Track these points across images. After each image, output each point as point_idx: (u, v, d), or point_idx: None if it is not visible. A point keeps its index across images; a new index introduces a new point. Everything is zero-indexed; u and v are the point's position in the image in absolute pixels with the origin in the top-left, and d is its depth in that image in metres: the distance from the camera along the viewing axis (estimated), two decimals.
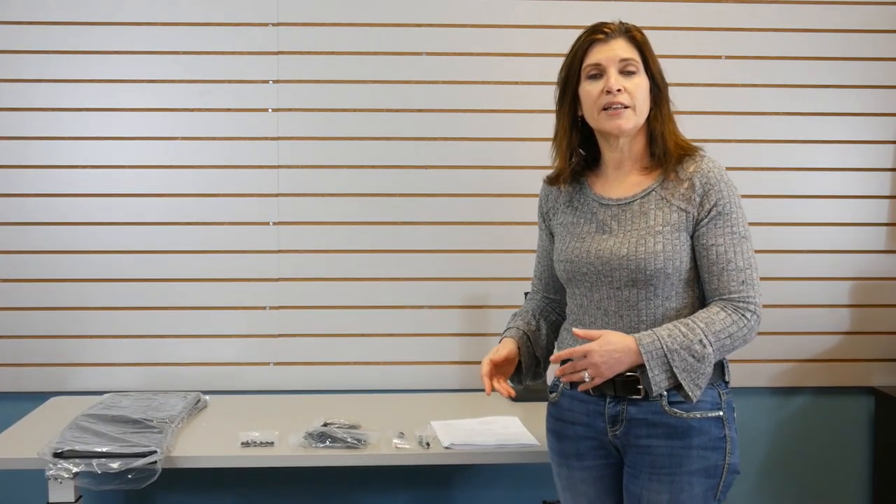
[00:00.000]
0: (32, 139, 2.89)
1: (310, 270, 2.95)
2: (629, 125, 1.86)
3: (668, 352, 1.75)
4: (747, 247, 1.85)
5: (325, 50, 2.93)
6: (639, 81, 1.86)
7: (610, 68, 1.85)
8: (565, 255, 1.94)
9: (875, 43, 3.00)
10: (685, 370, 1.76)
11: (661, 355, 1.76)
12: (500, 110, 2.95)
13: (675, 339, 1.76)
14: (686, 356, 1.76)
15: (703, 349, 1.76)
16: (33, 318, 2.91)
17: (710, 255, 1.84)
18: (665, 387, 1.78)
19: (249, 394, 2.93)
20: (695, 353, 1.76)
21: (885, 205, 3.03)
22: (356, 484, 2.98)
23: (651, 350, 1.76)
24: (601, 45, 1.87)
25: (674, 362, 1.75)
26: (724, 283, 1.82)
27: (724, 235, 1.83)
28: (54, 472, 2.18)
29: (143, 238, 2.92)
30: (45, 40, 2.87)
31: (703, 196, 1.83)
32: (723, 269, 1.82)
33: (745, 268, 1.83)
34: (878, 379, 3.06)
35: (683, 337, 1.76)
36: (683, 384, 1.76)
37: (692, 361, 1.76)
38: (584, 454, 1.95)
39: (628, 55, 1.86)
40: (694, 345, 1.76)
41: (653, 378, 1.76)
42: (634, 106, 1.85)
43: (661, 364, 1.76)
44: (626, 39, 1.87)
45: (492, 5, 2.94)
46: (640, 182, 1.90)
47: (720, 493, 1.86)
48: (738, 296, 1.82)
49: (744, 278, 1.82)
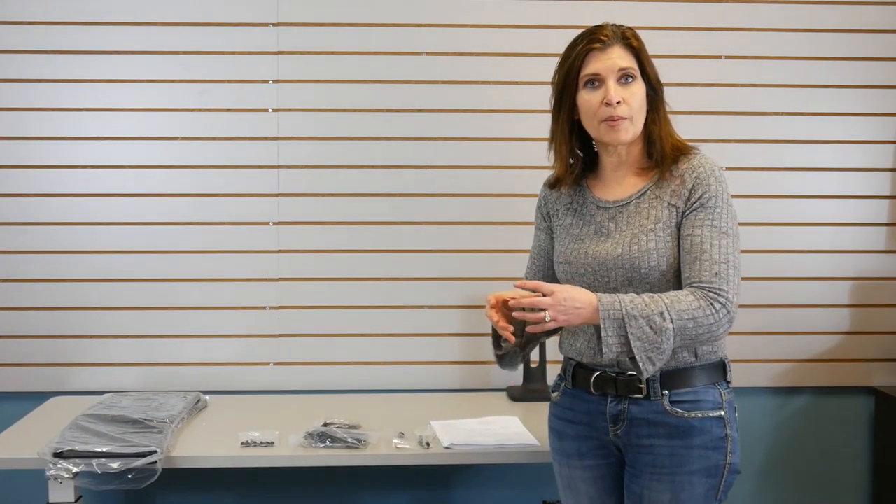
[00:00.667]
0: (32, 139, 2.89)
1: (310, 270, 2.95)
2: (628, 137, 1.85)
3: (626, 316, 1.72)
4: (727, 243, 1.80)
5: (325, 50, 2.93)
6: (636, 89, 1.85)
7: (609, 79, 1.84)
8: (564, 256, 1.94)
9: (875, 43, 3.00)
10: (640, 338, 1.72)
11: (619, 318, 1.72)
12: (500, 110, 2.95)
13: (636, 307, 1.73)
14: (644, 325, 1.72)
15: (663, 322, 1.72)
16: (33, 318, 2.91)
17: (686, 245, 1.81)
18: (617, 352, 1.73)
19: (249, 394, 2.93)
20: (653, 323, 1.72)
21: (885, 205, 3.03)
22: (356, 484, 2.98)
23: (609, 310, 1.73)
24: (599, 54, 1.85)
25: (630, 328, 1.72)
26: (697, 271, 1.78)
27: (703, 227, 1.80)
28: (54, 472, 2.18)
29: (143, 238, 2.92)
30: (45, 40, 2.87)
31: (692, 190, 1.83)
32: (696, 259, 1.79)
33: (721, 262, 1.78)
34: (878, 379, 3.06)
35: (645, 306, 1.73)
36: (636, 353, 1.72)
37: (648, 332, 1.72)
38: (585, 453, 1.95)
39: (626, 64, 1.84)
40: (654, 315, 1.72)
41: (605, 340, 1.72)
42: (632, 116, 1.84)
43: (617, 328, 1.72)
44: (623, 47, 1.85)
45: (492, 5, 2.94)
46: (636, 183, 1.90)
47: (721, 493, 1.86)
48: (708, 285, 1.77)
49: (717, 270, 1.77)
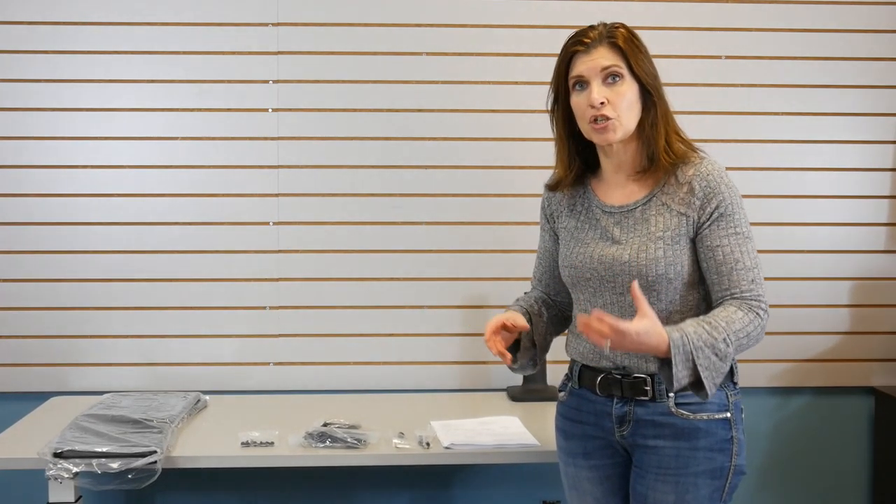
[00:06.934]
0: (32, 139, 2.89)
1: (310, 270, 2.95)
2: (616, 137, 1.84)
3: (693, 349, 1.72)
4: (751, 247, 1.84)
5: (325, 50, 2.93)
6: (623, 89, 1.83)
7: (593, 80, 1.83)
8: (569, 260, 1.94)
9: (875, 43, 3.00)
10: (708, 368, 1.73)
11: (687, 352, 1.73)
12: (500, 110, 2.95)
13: (701, 337, 1.73)
14: (710, 354, 1.73)
15: (727, 348, 1.74)
16: (33, 318, 2.91)
17: (717, 257, 1.82)
18: (685, 383, 1.74)
19: (249, 394, 2.93)
20: (718, 351, 1.74)
21: (885, 205, 3.03)
22: (356, 484, 2.98)
23: (679, 346, 1.72)
24: (583, 56, 1.84)
25: (698, 360, 1.72)
26: (735, 282, 1.81)
27: (728, 236, 1.82)
28: (54, 472, 2.18)
29: (143, 238, 2.92)
30: (45, 40, 2.87)
31: (704, 199, 1.82)
32: (732, 269, 1.81)
33: (753, 267, 1.82)
34: (878, 379, 3.06)
35: (708, 335, 1.74)
36: (705, 382, 1.73)
37: (714, 360, 1.74)
38: (591, 453, 1.95)
39: (609, 62, 1.82)
40: (718, 343, 1.74)
41: (676, 374, 1.72)
42: (619, 116, 1.82)
43: (685, 361, 1.72)
44: (608, 46, 1.83)
45: (492, 5, 2.94)
46: (640, 188, 1.89)
47: (726, 495, 1.86)
48: (749, 294, 1.81)
49: (752, 277, 1.81)
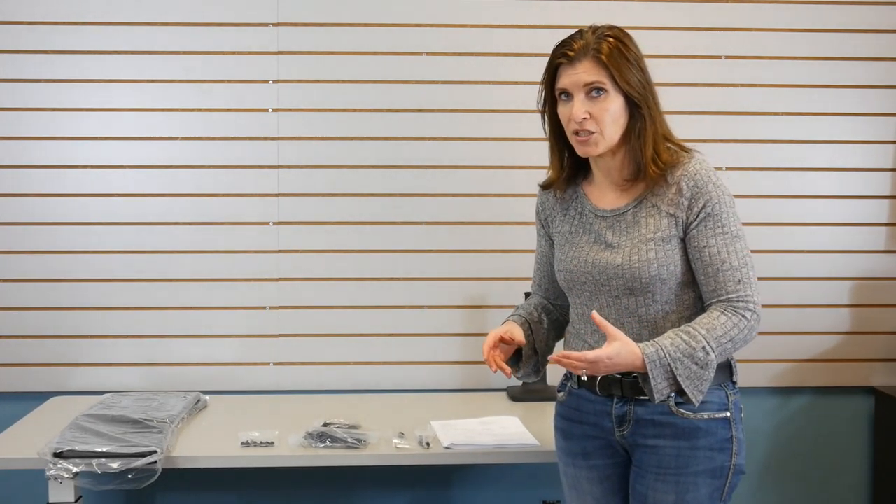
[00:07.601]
0: (32, 139, 2.89)
1: (310, 270, 2.95)
2: (597, 150, 1.84)
3: (671, 360, 1.74)
4: (741, 245, 1.82)
5: (325, 50, 2.93)
6: (606, 104, 1.81)
7: (576, 94, 1.82)
8: (564, 264, 1.94)
9: (875, 43, 2.99)
10: (688, 378, 1.75)
11: (665, 364, 1.74)
12: (500, 110, 2.94)
13: (678, 348, 1.75)
14: (689, 364, 1.75)
15: (707, 356, 1.75)
16: (33, 318, 2.91)
17: (704, 257, 1.82)
18: (667, 394, 1.77)
19: (249, 394, 2.93)
20: (698, 360, 1.75)
21: (885, 205, 3.03)
22: (356, 484, 2.98)
23: (654, 360, 1.74)
24: (567, 69, 1.83)
25: (677, 370, 1.74)
26: (721, 283, 1.81)
27: (715, 236, 1.81)
28: (54, 472, 2.18)
29: (143, 238, 2.92)
30: (44, 40, 2.87)
31: (692, 199, 1.82)
32: (717, 270, 1.81)
33: (741, 267, 1.81)
34: (878, 379, 3.06)
35: (686, 345, 1.75)
36: (687, 391, 1.75)
37: (695, 369, 1.75)
38: (590, 453, 1.95)
39: (592, 78, 1.80)
40: (697, 352, 1.75)
41: (655, 386, 1.75)
42: (602, 130, 1.82)
43: (664, 373, 1.75)
44: (592, 60, 1.81)
45: (492, 5, 2.94)
46: (631, 191, 1.89)
47: (726, 495, 1.86)
48: (735, 296, 1.80)
49: (740, 277, 1.80)
